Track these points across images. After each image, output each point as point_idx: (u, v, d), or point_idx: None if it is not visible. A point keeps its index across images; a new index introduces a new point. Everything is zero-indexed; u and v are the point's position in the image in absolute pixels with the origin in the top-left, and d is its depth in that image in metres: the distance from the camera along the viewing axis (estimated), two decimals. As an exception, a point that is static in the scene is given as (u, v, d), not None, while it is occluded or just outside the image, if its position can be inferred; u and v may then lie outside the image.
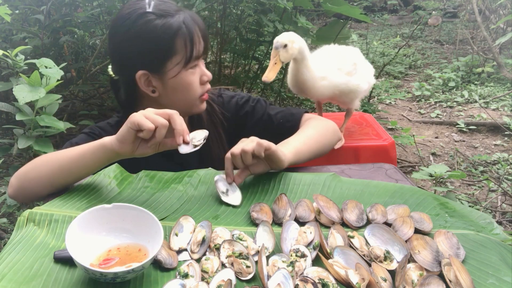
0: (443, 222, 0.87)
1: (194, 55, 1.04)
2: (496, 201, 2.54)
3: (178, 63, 1.03)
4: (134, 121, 0.84)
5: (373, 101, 4.24)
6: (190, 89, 1.07)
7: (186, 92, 1.08)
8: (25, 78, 1.49)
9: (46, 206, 0.87)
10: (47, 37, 2.88)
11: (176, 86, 1.06)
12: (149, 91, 1.07)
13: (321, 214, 0.87)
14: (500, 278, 0.73)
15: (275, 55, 1.14)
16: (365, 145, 1.35)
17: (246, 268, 0.72)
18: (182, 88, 1.07)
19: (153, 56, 1.03)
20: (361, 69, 1.34)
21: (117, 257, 0.74)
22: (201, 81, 1.09)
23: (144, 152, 0.88)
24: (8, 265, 0.71)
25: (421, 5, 8.36)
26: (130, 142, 0.86)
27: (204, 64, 1.10)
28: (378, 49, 5.86)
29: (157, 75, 1.05)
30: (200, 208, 0.90)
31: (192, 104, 1.11)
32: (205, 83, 1.10)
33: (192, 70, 1.06)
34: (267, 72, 1.13)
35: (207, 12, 3.20)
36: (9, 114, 2.70)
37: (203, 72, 1.09)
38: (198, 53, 1.05)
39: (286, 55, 1.15)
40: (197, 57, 1.06)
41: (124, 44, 1.05)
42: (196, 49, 1.05)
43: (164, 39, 1.01)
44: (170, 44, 1.02)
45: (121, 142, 0.87)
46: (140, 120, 0.83)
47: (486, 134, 3.57)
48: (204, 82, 1.10)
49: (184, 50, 1.03)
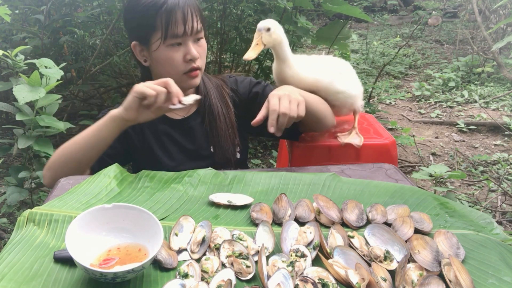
0: (443, 222, 0.87)
1: (169, 34, 1.13)
2: (496, 201, 2.54)
3: (159, 38, 1.15)
4: (138, 90, 1.00)
5: (373, 101, 4.24)
6: (171, 64, 1.17)
7: (168, 66, 1.18)
8: (25, 78, 1.49)
9: (46, 206, 0.87)
10: (47, 37, 2.88)
11: (158, 59, 1.18)
12: (142, 60, 1.23)
13: (321, 214, 0.87)
14: (500, 278, 0.73)
15: (258, 36, 1.18)
16: (366, 144, 1.35)
17: (246, 268, 0.72)
18: (164, 62, 1.18)
19: (140, 30, 1.18)
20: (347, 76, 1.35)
21: (117, 257, 0.74)
22: (185, 58, 1.16)
23: (147, 117, 1.05)
24: (8, 265, 0.71)
25: (421, 5, 8.37)
26: (135, 109, 1.03)
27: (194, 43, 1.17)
28: (378, 49, 5.86)
29: (145, 47, 1.19)
30: (200, 208, 0.90)
31: (178, 79, 1.17)
32: (188, 61, 1.16)
33: (174, 47, 1.15)
34: (248, 51, 1.17)
35: (207, 12, 3.20)
36: (9, 114, 2.70)
37: (187, 50, 1.16)
38: (176, 31, 1.13)
39: (268, 38, 1.18)
40: (176, 36, 1.14)
41: (124, 17, 1.28)
42: (173, 28, 1.13)
43: (147, 15, 1.14)
44: (151, 21, 1.14)
45: (127, 110, 1.03)
46: (143, 89, 1.00)
47: (486, 134, 3.57)
48: (187, 60, 1.16)
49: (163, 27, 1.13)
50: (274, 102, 1.09)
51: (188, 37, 1.16)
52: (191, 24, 1.14)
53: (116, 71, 3.63)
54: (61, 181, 1.07)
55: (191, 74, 1.19)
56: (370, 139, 1.39)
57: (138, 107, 1.03)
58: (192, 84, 1.22)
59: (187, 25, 1.14)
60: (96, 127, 1.08)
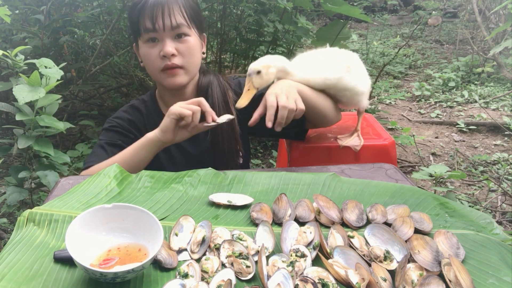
0: (443, 222, 0.87)
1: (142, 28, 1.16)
2: (496, 201, 2.54)
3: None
4: (175, 112, 1.05)
5: (373, 101, 4.24)
6: (148, 60, 1.20)
7: (147, 63, 1.21)
8: (25, 78, 1.49)
9: (46, 206, 0.87)
10: (47, 37, 2.88)
11: (142, 56, 1.23)
12: (140, 60, 1.26)
13: (321, 214, 0.87)
14: (500, 278, 0.73)
15: (248, 81, 1.15)
16: (365, 145, 1.35)
17: (246, 268, 0.72)
18: (144, 59, 1.22)
19: (131, 30, 1.23)
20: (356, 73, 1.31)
21: (117, 257, 0.74)
22: (160, 55, 1.17)
23: (183, 136, 1.09)
24: (8, 265, 0.71)
25: (421, 5, 8.37)
26: (172, 130, 1.07)
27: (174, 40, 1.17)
28: (378, 49, 5.86)
29: (137, 46, 1.24)
30: (200, 208, 0.90)
31: (156, 77, 1.22)
32: (162, 58, 1.17)
33: (150, 43, 1.18)
34: (240, 98, 1.14)
35: (207, 12, 3.20)
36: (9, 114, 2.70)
37: (162, 47, 1.16)
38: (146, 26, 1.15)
39: (260, 81, 1.15)
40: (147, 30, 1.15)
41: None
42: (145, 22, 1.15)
43: (133, 15, 1.19)
44: (135, 20, 1.18)
45: (164, 132, 1.07)
46: (180, 110, 1.04)
47: (486, 134, 3.57)
48: (161, 56, 1.17)
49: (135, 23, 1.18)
50: (271, 99, 1.09)
51: (163, 33, 1.15)
52: (165, 19, 1.14)
53: (116, 71, 3.63)
54: (61, 181, 1.07)
55: (167, 72, 1.18)
56: (369, 140, 1.39)
57: (174, 128, 1.07)
58: (170, 83, 1.20)
59: (158, 21, 1.13)
60: (133, 150, 1.11)
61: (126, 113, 1.30)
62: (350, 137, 1.37)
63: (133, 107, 1.32)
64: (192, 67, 1.22)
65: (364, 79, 1.34)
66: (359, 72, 1.32)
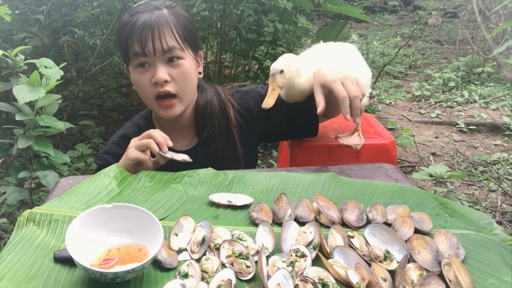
0: (443, 222, 0.87)
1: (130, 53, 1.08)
2: (496, 201, 2.54)
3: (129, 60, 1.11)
4: (132, 157, 1.01)
5: (373, 101, 4.24)
6: (140, 87, 1.11)
7: (138, 89, 1.13)
8: (25, 78, 1.49)
9: (46, 206, 0.87)
10: (47, 37, 2.88)
11: (133, 82, 1.14)
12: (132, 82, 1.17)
13: (321, 214, 0.87)
14: (500, 278, 0.72)
15: (272, 81, 1.13)
16: (366, 144, 1.35)
17: (246, 268, 0.72)
18: (135, 85, 1.14)
19: (121, 51, 1.14)
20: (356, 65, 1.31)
21: (117, 257, 0.74)
22: (151, 81, 1.09)
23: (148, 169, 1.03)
24: (8, 265, 0.71)
25: (421, 5, 8.37)
26: (133, 170, 1.03)
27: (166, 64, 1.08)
28: (378, 49, 5.86)
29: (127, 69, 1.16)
30: (200, 208, 0.90)
31: (150, 104, 1.14)
32: (154, 85, 1.08)
33: (141, 69, 1.09)
34: (266, 99, 1.11)
35: (207, 12, 3.20)
36: (9, 114, 2.70)
37: (154, 73, 1.08)
38: (133, 51, 1.07)
39: (283, 80, 1.13)
40: (136, 54, 1.07)
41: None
42: (131, 47, 1.07)
43: (121, 37, 1.10)
44: (123, 42, 1.10)
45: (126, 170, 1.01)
46: (137, 155, 1.01)
47: (486, 134, 3.58)
48: (152, 83, 1.09)
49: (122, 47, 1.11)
50: (339, 88, 1.01)
51: (155, 58, 1.06)
52: (156, 43, 1.05)
53: (116, 71, 3.63)
54: (61, 181, 1.07)
55: (160, 104, 1.10)
56: (370, 139, 1.39)
57: (135, 169, 1.04)
58: (166, 115, 1.12)
59: (147, 45, 1.05)
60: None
61: (117, 146, 1.20)
62: (351, 136, 1.37)
63: (125, 138, 1.19)
64: (187, 93, 1.13)
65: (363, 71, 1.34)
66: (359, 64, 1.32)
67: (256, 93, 1.28)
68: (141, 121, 1.26)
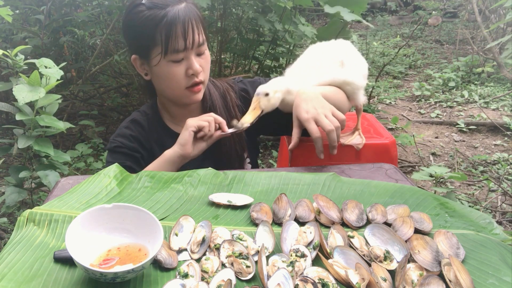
0: (443, 222, 0.87)
1: (170, 49, 1.10)
2: (496, 201, 2.54)
3: (159, 53, 1.11)
4: (193, 124, 1.09)
5: (373, 101, 4.24)
6: (172, 79, 1.14)
7: (169, 81, 1.16)
8: (25, 78, 1.49)
9: (46, 206, 0.87)
10: (47, 37, 2.88)
11: (159, 74, 1.16)
12: (142, 73, 1.21)
13: (321, 214, 0.87)
14: (500, 278, 0.72)
15: (256, 101, 1.16)
16: (366, 144, 1.35)
17: (246, 268, 0.72)
18: (165, 77, 1.15)
19: (140, 44, 1.15)
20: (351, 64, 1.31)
21: (117, 257, 0.74)
22: (187, 73, 1.14)
23: (201, 147, 1.12)
24: (8, 265, 0.71)
25: (421, 5, 8.37)
26: (191, 142, 1.09)
27: (197, 56, 1.14)
28: (378, 49, 5.86)
29: (146, 61, 1.17)
30: (200, 208, 0.90)
31: (180, 94, 1.18)
32: (190, 76, 1.14)
33: (175, 62, 1.12)
34: (245, 115, 1.15)
35: (208, 12, 3.20)
36: (9, 114, 2.70)
37: (189, 65, 1.13)
38: (176, 46, 1.10)
39: (266, 103, 1.16)
40: (177, 50, 1.10)
41: (123, 30, 1.22)
42: (173, 43, 1.09)
43: (147, 29, 1.10)
44: (151, 35, 1.10)
45: (183, 145, 1.09)
46: (198, 122, 1.09)
47: (486, 134, 3.58)
48: (189, 74, 1.14)
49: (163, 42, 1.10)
50: (313, 127, 1.07)
51: (190, 51, 1.12)
52: (192, 38, 1.11)
53: (116, 71, 3.63)
54: (61, 181, 1.07)
55: (193, 90, 1.17)
56: (370, 139, 1.39)
57: (192, 141, 1.10)
58: (194, 100, 1.20)
59: (188, 39, 1.10)
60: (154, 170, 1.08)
61: (128, 130, 1.25)
62: (351, 136, 1.37)
63: (135, 121, 1.27)
64: (207, 79, 1.22)
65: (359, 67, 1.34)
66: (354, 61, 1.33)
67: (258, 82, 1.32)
68: (148, 110, 1.30)
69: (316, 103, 1.11)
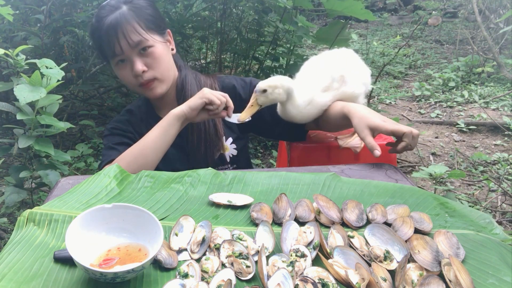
0: (443, 222, 0.87)
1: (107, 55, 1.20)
2: (496, 201, 2.54)
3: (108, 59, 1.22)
4: (208, 97, 1.13)
5: (373, 101, 4.24)
6: (124, 80, 1.24)
7: (124, 81, 1.26)
8: (26, 78, 1.49)
9: (46, 206, 0.87)
10: (47, 37, 2.88)
11: (118, 76, 1.26)
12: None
13: (321, 214, 0.87)
14: (500, 278, 0.73)
15: (253, 98, 1.18)
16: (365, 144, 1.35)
17: (246, 268, 0.72)
18: (120, 79, 1.26)
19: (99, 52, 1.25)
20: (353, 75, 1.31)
21: (117, 257, 0.74)
22: (132, 74, 1.21)
23: (203, 117, 1.17)
24: (8, 265, 0.71)
25: (421, 5, 8.37)
26: (198, 109, 1.14)
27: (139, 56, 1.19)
28: (378, 49, 5.86)
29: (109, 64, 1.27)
30: (200, 208, 0.90)
31: (138, 90, 1.26)
32: (136, 76, 1.20)
33: (120, 64, 1.21)
34: (243, 112, 1.18)
35: (208, 12, 3.20)
36: (9, 114, 2.70)
37: (132, 66, 1.19)
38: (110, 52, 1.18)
39: (264, 99, 1.18)
40: (113, 55, 1.19)
41: None
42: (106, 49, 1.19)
43: (93, 39, 1.24)
44: (96, 44, 1.23)
45: (192, 109, 1.14)
46: (212, 97, 1.13)
47: (486, 134, 3.57)
48: (133, 75, 1.20)
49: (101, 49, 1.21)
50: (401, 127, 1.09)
51: (130, 52, 1.18)
52: (122, 43, 1.16)
53: (116, 71, 3.61)
54: (61, 181, 1.07)
55: (146, 86, 1.22)
56: (370, 139, 1.38)
57: (200, 108, 1.14)
58: (152, 95, 1.25)
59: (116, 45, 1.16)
60: (161, 129, 1.15)
61: (124, 117, 1.35)
62: (350, 138, 1.36)
63: (129, 111, 1.37)
64: (166, 74, 1.25)
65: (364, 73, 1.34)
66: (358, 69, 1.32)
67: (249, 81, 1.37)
68: (140, 102, 1.39)
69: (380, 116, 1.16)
